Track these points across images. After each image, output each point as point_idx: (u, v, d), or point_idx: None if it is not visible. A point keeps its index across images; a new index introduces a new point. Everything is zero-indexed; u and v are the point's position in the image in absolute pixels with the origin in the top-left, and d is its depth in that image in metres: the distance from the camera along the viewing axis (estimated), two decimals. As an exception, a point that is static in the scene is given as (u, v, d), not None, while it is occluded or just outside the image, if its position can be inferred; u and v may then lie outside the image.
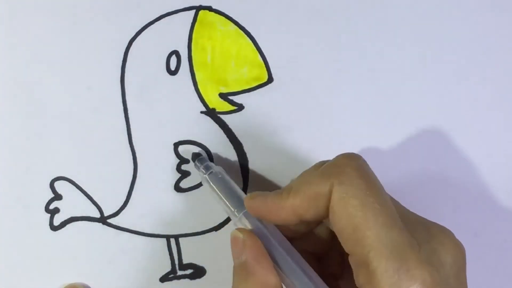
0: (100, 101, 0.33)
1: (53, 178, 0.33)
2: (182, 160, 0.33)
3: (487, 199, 0.34)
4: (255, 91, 0.34)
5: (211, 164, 0.32)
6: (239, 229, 0.28)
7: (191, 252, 0.34)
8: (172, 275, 0.34)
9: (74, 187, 0.33)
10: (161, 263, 0.34)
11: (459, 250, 0.25)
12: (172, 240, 0.34)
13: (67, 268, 0.33)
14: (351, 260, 0.25)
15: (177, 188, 0.34)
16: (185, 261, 0.34)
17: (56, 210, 0.33)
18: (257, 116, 0.34)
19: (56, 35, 0.33)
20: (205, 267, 0.34)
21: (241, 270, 0.27)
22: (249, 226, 0.28)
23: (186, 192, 0.34)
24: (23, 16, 0.33)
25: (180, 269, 0.34)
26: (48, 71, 0.33)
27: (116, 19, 0.33)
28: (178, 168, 0.33)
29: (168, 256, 0.34)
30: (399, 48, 0.34)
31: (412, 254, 0.23)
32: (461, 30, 0.34)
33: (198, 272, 0.34)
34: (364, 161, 0.26)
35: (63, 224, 0.33)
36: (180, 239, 0.34)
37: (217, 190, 0.30)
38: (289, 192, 0.27)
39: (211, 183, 0.31)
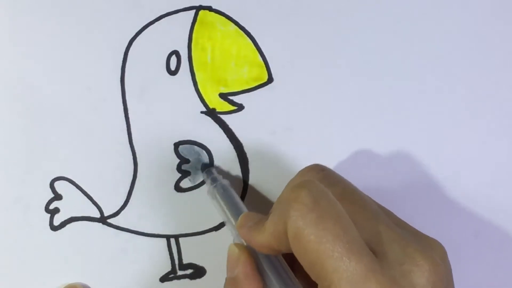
0: (100, 101, 0.33)
1: (53, 178, 0.33)
2: (182, 160, 0.33)
3: (487, 199, 0.34)
4: (255, 91, 0.34)
5: (219, 176, 0.32)
6: (236, 244, 0.29)
7: (191, 252, 0.34)
8: (172, 275, 0.34)
9: (74, 187, 0.33)
10: (161, 263, 0.34)
11: (434, 271, 0.24)
12: (172, 240, 0.34)
13: (67, 268, 0.33)
14: None
15: (177, 188, 0.34)
16: (185, 261, 0.34)
17: (56, 210, 0.33)
18: (257, 116, 0.34)
19: (56, 35, 0.33)
20: (205, 267, 0.34)
21: (231, 284, 0.28)
22: (245, 242, 0.29)
23: (186, 192, 0.34)
24: (23, 16, 0.33)
25: (180, 269, 0.34)
26: (48, 71, 0.33)
27: (116, 19, 0.33)
28: (178, 168, 0.33)
29: (168, 256, 0.34)
30: (400, 49, 0.34)
31: (373, 280, 0.23)
32: (461, 31, 0.34)
33: (198, 272, 0.34)
34: (316, 185, 0.26)
35: (63, 224, 0.33)
36: (180, 239, 0.34)
37: (221, 202, 0.31)
38: (262, 230, 0.27)
39: (216, 196, 0.31)
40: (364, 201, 0.28)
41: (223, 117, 0.34)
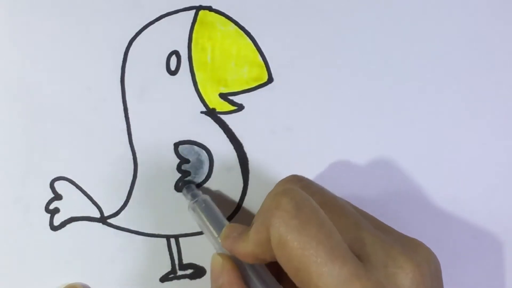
0: (100, 101, 0.33)
1: (53, 178, 0.33)
2: (182, 160, 0.33)
3: (487, 200, 0.34)
4: (255, 91, 0.34)
5: (198, 192, 0.32)
6: (219, 254, 0.29)
7: (191, 252, 0.34)
8: (172, 275, 0.34)
9: (74, 187, 0.33)
10: (161, 263, 0.34)
11: (419, 272, 0.24)
12: (172, 240, 0.34)
13: (67, 268, 0.33)
14: None
15: (177, 188, 0.34)
16: (185, 261, 0.34)
17: (56, 210, 0.33)
18: (257, 116, 0.34)
19: (56, 35, 0.33)
20: (205, 267, 0.34)
21: None
22: (228, 253, 0.29)
23: (186, 192, 0.34)
24: (23, 16, 0.33)
25: (180, 269, 0.34)
26: (48, 71, 0.33)
27: (116, 19, 0.33)
28: (178, 168, 0.33)
29: (168, 256, 0.34)
30: (400, 49, 0.34)
31: (358, 284, 0.23)
32: (461, 31, 0.34)
33: (198, 272, 0.34)
34: (298, 192, 0.26)
35: (63, 224, 0.33)
36: (180, 239, 0.34)
37: (202, 217, 0.31)
38: (246, 240, 0.27)
39: (197, 210, 0.31)
40: (344, 208, 0.28)
41: (223, 117, 0.34)
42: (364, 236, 0.26)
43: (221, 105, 0.34)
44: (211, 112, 0.34)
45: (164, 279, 0.34)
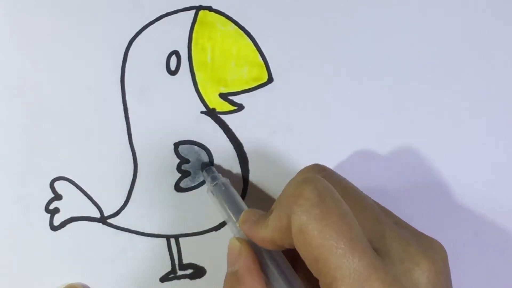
0: (100, 101, 0.33)
1: (53, 178, 0.33)
2: (182, 160, 0.33)
3: (487, 199, 0.34)
4: (255, 91, 0.34)
5: (219, 175, 0.32)
6: (237, 238, 0.29)
7: (191, 252, 0.34)
8: (172, 275, 0.34)
9: (74, 187, 0.33)
10: (161, 263, 0.34)
11: (435, 268, 0.25)
12: (172, 240, 0.34)
13: (67, 268, 0.33)
14: (320, 285, 0.25)
15: (177, 188, 0.34)
16: (185, 261, 0.34)
17: (56, 210, 0.33)
18: (257, 116, 0.34)
19: (56, 35, 0.33)
20: (205, 267, 0.34)
21: (232, 279, 0.28)
22: (246, 237, 0.29)
23: (186, 192, 0.34)
24: (23, 16, 0.33)
25: (180, 269, 0.34)
26: (48, 71, 0.33)
27: (116, 19, 0.33)
28: (178, 168, 0.33)
29: (168, 256, 0.34)
30: (400, 49, 0.34)
31: (375, 278, 0.23)
32: (462, 31, 0.34)
33: (198, 272, 0.34)
34: (321, 181, 0.26)
35: (63, 224, 0.33)
36: (180, 239, 0.34)
37: (222, 200, 0.31)
38: (265, 226, 0.27)
39: (216, 194, 0.31)
40: (365, 201, 0.28)
41: (223, 117, 0.34)
42: (384, 231, 0.26)
43: (221, 105, 0.34)
44: (211, 112, 0.34)
45: (164, 279, 0.34)
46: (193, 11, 0.33)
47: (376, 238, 0.25)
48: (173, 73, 0.33)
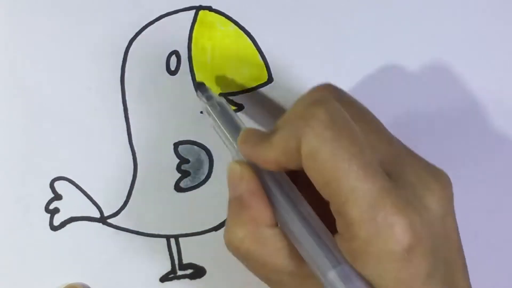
0: (100, 101, 0.33)
1: (53, 178, 0.33)
2: (182, 160, 0.33)
3: (487, 199, 0.34)
4: (255, 91, 0.34)
5: (214, 94, 0.31)
6: (237, 162, 0.28)
7: (191, 252, 0.34)
8: (172, 275, 0.34)
9: (74, 187, 0.33)
10: (161, 263, 0.34)
11: (445, 194, 0.25)
12: (172, 240, 0.34)
13: (67, 268, 0.33)
14: (331, 207, 0.24)
15: (177, 188, 0.34)
16: (185, 261, 0.34)
17: (56, 210, 0.33)
18: (257, 116, 0.34)
19: (56, 35, 0.33)
20: (205, 267, 0.34)
21: (235, 204, 0.27)
22: (244, 160, 0.28)
23: (186, 192, 0.34)
24: (23, 16, 0.33)
25: (180, 269, 0.34)
26: (48, 71, 0.33)
27: (116, 19, 0.33)
28: (178, 168, 0.33)
29: (168, 256, 0.34)
30: (400, 49, 0.34)
31: (388, 201, 0.23)
32: (462, 31, 0.34)
33: (198, 272, 0.34)
34: (333, 103, 0.25)
35: (63, 224, 0.33)
36: (180, 239, 0.34)
37: (217, 120, 0.30)
38: (270, 146, 0.26)
39: (211, 114, 0.30)
40: (378, 124, 0.27)
41: (223, 117, 0.34)
42: (396, 154, 0.26)
43: (221, 105, 0.33)
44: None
45: (164, 279, 0.34)
46: (193, 11, 0.33)
47: (388, 161, 0.25)
48: (173, 73, 0.33)
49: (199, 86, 0.31)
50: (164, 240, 0.34)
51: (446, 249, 0.25)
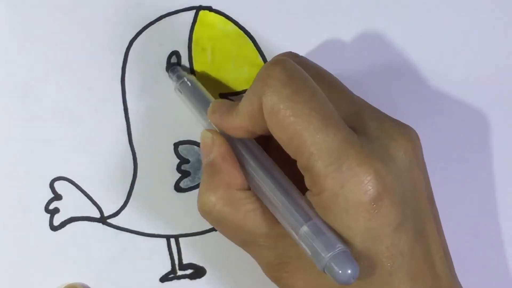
0: (100, 101, 0.33)
1: (53, 178, 0.33)
2: (182, 160, 0.33)
3: (487, 200, 0.34)
4: (255, 91, 0.34)
5: (184, 73, 0.32)
6: (208, 130, 0.29)
7: (191, 252, 0.34)
8: (172, 275, 0.34)
9: (74, 187, 0.33)
10: (161, 263, 0.34)
11: (411, 145, 0.25)
12: (172, 240, 0.34)
13: (67, 268, 0.33)
14: (298, 165, 0.25)
15: (177, 188, 0.34)
16: (185, 261, 0.34)
17: (56, 210, 0.33)
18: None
19: (56, 35, 0.33)
20: (205, 267, 0.34)
21: (208, 168, 0.28)
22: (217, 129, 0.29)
23: (186, 192, 0.34)
24: (23, 16, 0.33)
25: (180, 269, 0.34)
26: (48, 71, 0.33)
27: (116, 19, 0.33)
28: (178, 168, 0.33)
29: (168, 256, 0.34)
30: (401, 49, 0.34)
31: (352, 151, 0.23)
32: (462, 31, 0.34)
33: (198, 272, 0.34)
34: (290, 62, 0.26)
35: (63, 224, 0.33)
36: (180, 239, 0.34)
37: (189, 97, 0.31)
38: (236, 113, 0.27)
39: (184, 91, 0.31)
40: (339, 84, 0.28)
41: (223, 117, 0.33)
42: (359, 110, 0.26)
43: (221, 105, 0.33)
44: (211, 112, 0.33)
45: (164, 279, 0.34)
46: (193, 11, 0.33)
47: (351, 116, 0.26)
48: (173, 73, 0.33)
49: (170, 67, 0.33)
50: (164, 240, 0.34)
51: (415, 199, 0.25)
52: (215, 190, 0.27)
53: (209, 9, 0.33)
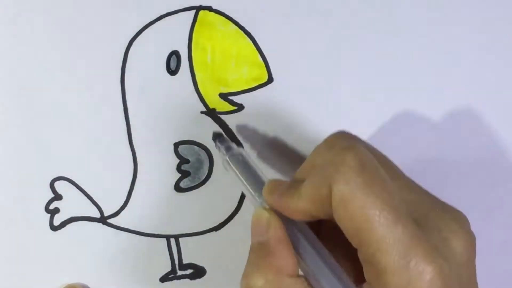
0: (100, 101, 0.33)
1: (53, 178, 0.33)
2: (182, 160, 0.33)
3: (487, 199, 0.34)
4: (255, 91, 0.34)
5: (233, 145, 0.31)
6: (264, 208, 0.27)
7: (191, 252, 0.34)
8: (172, 275, 0.34)
9: (74, 187, 0.33)
10: (161, 263, 0.34)
11: (469, 238, 0.25)
12: (172, 240, 0.34)
13: (67, 268, 0.33)
14: (359, 255, 0.24)
15: (177, 188, 0.34)
16: (185, 261, 0.34)
17: (56, 210, 0.33)
18: (257, 116, 0.34)
19: (56, 35, 0.33)
20: (205, 267, 0.34)
21: (259, 249, 0.27)
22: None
23: (186, 192, 0.34)
24: (24, 16, 0.33)
25: (180, 269, 0.34)
26: (48, 71, 0.33)
27: (116, 19, 0.33)
28: (178, 168, 0.33)
29: (168, 256, 0.34)
30: (401, 48, 0.34)
31: (420, 248, 0.23)
32: (462, 30, 0.34)
33: (198, 272, 0.34)
34: (362, 149, 0.25)
35: (63, 224, 0.33)
36: (180, 239, 0.34)
37: (237, 172, 0.29)
38: (298, 195, 0.26)
39: (231, 165, 0.30)
40: (398, 169, 0.27)
41: (223, 117, 0.34)
42: (418, 199, 0.26)
43: (221, 105, 0.34)
44: (211, 112, 0.34)
45: (164, 279, 0.34)
46: (193, 11, 0.33)
47: (411, 206, 0.25)
48: (173, 73, 0.33)
49: (218, 137, 0.31)
50: (164, 240, 0.34)
51: None
52: (263, 273, 0.26)
53: (209, 9, 0.33)
